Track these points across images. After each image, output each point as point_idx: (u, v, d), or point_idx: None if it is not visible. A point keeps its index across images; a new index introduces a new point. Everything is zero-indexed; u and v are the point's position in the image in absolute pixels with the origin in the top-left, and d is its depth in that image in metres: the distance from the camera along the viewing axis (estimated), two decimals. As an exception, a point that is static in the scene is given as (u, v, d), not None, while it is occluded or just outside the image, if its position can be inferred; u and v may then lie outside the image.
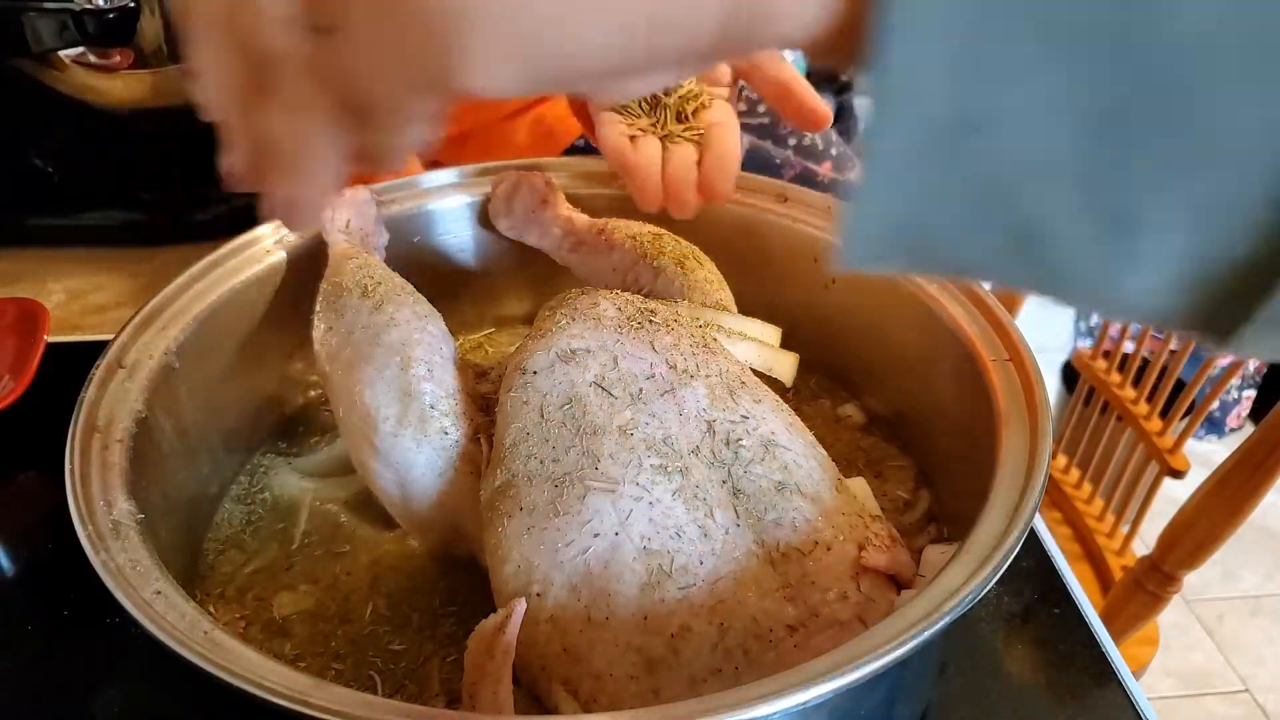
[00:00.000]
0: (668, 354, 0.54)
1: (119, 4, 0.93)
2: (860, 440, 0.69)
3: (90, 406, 0.54)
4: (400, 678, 0.53)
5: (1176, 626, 1.73)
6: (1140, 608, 1.03)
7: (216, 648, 0.40)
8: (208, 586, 0.59)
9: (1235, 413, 2.13)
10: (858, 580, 0.46)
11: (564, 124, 1.03)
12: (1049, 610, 0.61)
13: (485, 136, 1.04)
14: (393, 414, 0.54)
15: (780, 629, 0.44)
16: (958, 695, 0.56)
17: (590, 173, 0.77)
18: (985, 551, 0.43)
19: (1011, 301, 1.28)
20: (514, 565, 0.48)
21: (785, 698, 0.36)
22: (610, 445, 0.49)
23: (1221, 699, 1.62)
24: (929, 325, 0.62)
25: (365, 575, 0.60)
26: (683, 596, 0.45)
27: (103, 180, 1.09)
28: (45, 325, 0.79)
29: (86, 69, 1.01)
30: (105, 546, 0.45)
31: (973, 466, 0.54)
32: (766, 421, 0.52)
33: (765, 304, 0.68)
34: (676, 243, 0.67)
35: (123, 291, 1.01)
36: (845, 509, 0.50)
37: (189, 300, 0.62)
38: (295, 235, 0.68)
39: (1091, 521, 1.19)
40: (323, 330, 0.60)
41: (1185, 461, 1.08)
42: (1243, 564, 1.85)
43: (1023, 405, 0.52)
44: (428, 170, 0.77)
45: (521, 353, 0.55)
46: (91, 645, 0.58)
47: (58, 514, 0.47)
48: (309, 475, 0.68)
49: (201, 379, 0.62)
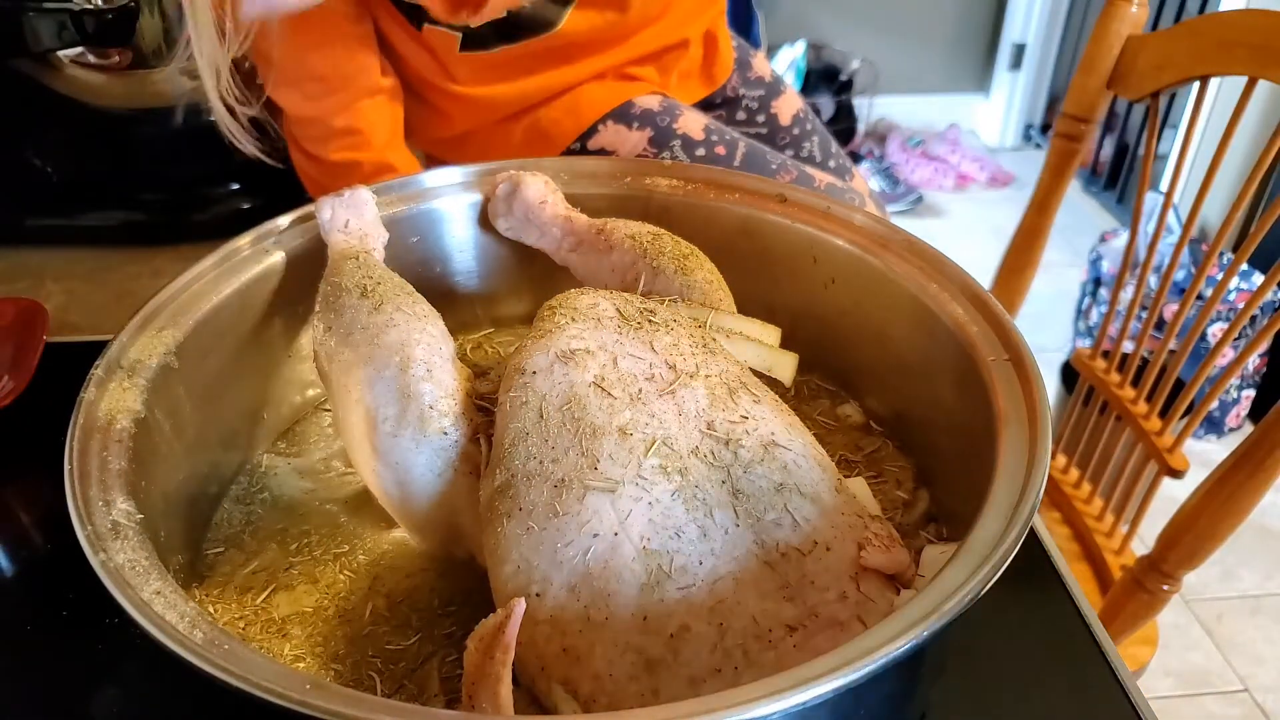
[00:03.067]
0: (667, 354, 0.54)
1: (118, 4, 0.93)
2: (859, 440, 0.69)
3: (89, 406, 0.54)
4: (399, 678, 0.53)
5: (1175, 626, 1.73)
6: (1139, 607, 1.03)
7: (216, 648, 0.40)
8: (207, 587, 0.59)
9: (1234, 412, 2.13)
10: (857, 580, 0.46)
11: (559, 127, 1.03)
12: (1047, 610, 0.61)
13: (484, 137, 1.04)
14: (392, 414, 0.54)
15: (780, 629, 0.44)
16: (957, 695, 0.56)
17: (590, 173, 0.77)
18: (984, 551, 0.43)
19: (1011, 301, 1.28)
20: (513, 565, 0.48)
21: (785, 698, 0.36)
22: (609, 446, 0.49)
23: (1220, 699, 1.62)
24: (928, 325, 0.62)
25: (365, 575, 0.60)
26: (682, 597, 0.45)
27: (102, 180, 1.09)
28: (44, 325, 0.79)
29: (86, 69, 1.01)
30: (104, 547, 0.46)
31: (972, 466, 0.54)
32: (766, 422, 0.52)
33: (764, 304, 0.68)
34: (676, 243, 0.67)
35: (122, 292, 1.01)
36: (844, 509, 0.50)
37: (188, 300, 0.62)
38: (294, 235, 0.68)
39: (1090, 521, 1.19)
40: (322, 330, 0.60)
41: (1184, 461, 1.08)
42: (1242, 564, 1.85)
43: (1022, 405, 0.52)
44: (427, 170, 0.77)
45: (521, 353, 0.55)
46: (91, 645, 0.58)
47: (57, 514, 0.47)
48: (309, 475, 0.68)
49: (201, 379, 0.62)
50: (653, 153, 1.03)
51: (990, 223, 2.83)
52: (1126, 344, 1.19)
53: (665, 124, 1.03)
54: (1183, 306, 1.06)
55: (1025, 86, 3.18)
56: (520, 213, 0.73)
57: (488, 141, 1.04)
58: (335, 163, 0.96)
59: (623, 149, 1.03)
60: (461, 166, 0.76)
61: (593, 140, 1.03)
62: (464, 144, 1.05)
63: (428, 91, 1.01)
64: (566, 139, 1.03)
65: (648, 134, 1.04)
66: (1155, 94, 1.06)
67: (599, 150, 1.03)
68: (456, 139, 1.05)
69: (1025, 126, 3.29)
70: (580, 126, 1.03)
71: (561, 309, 0.57)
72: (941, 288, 0.62)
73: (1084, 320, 2.34)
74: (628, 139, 1.03)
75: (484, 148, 1.05)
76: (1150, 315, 1.10)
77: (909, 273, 0.64)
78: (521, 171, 0.74)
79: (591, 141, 1.03)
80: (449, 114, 1.02)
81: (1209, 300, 1.01)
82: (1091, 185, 3.01)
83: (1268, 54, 0.92)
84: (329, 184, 0.96)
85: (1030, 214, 1.23)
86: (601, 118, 1.03)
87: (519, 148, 1.03)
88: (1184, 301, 1.06)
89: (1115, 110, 2.81)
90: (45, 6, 0.91)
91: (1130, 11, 1.07)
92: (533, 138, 1.03)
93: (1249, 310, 0.97)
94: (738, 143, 1.03)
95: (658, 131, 1.03)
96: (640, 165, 0.78)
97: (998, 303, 0.59)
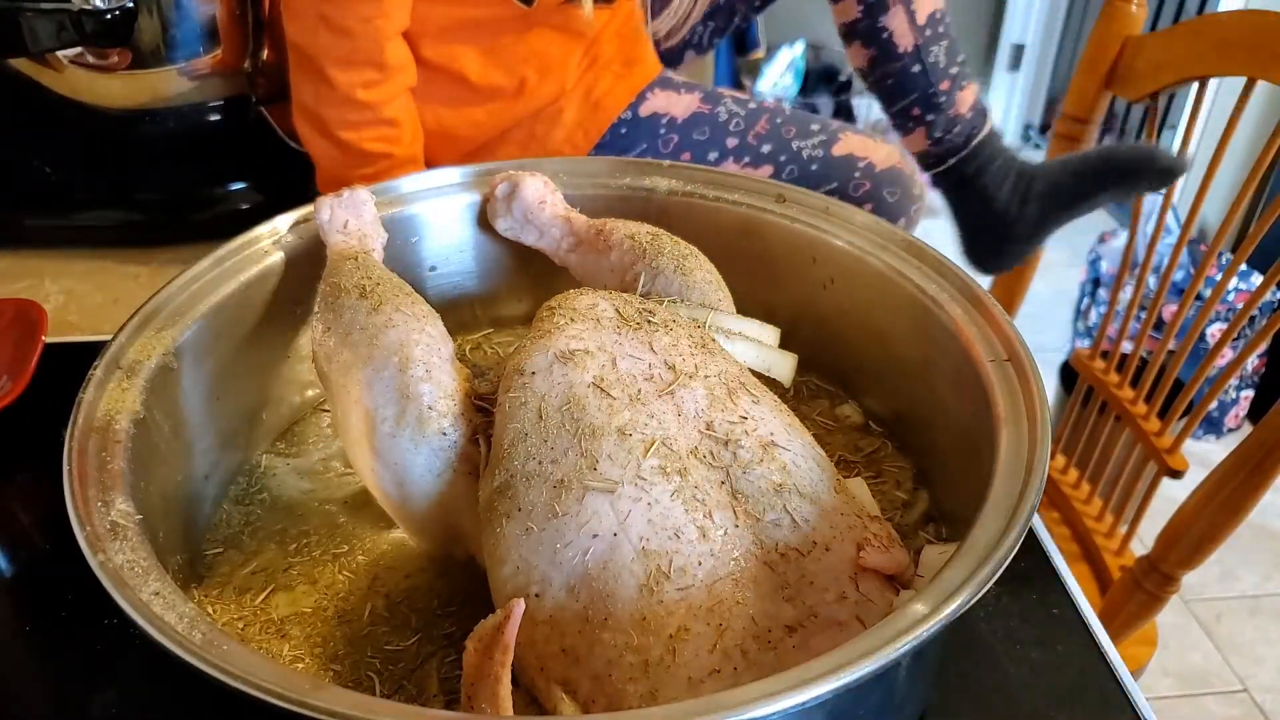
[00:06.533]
0: (666, 355, 0.54)
1: (117, 4, 0.93)
2: (859, 440, 0.69)
3: (88, 407, 0.54)
4: (399, 678, 0.53)
5: (1175, 626, 1.73)
6: (1138, 608, 1.03)
7: (214, 649, 0.40)
8: (206, 587, 0.59)
9: (1233, 413, 2.13)
10: (856, 581, 0.46)
11: (610, 97, 1.05)
12: (1047, 610, 0.61)
13: (530, 124, 1.05)
14: (391, 414, 0.54)
15: (779, 629, 0.44)
16: (957, 695, 0.56)
17: (589, 173, 0.77)
18: (984, 552, 0.43)
19: (1010, 302, 1.28)
20: (512, 566, 0.48)
21: (785, 698, 0.36)
22: (609, 446, 0.49)
23: (1220, 699, 1.62)
24: (927, 326, 0.62)
25: (364, 576, 0.60)
26: (681, 597, 0.45)
27: (101, 180, 1.09)
28: (43, 326, 0.79)
29: (84, 69, 1.01)
30: (103, 547, 0.45)
31: (971, 467, 0.54)
32: (765, 422, 0.52)
33: (763, 304, 0.68)
34: (675, 243, 0.67)
35: (120, 292, 1.01)
36: (844, 509, 0.50)
37: (187, 301, 0.62)
38: (293, 235, 0.68)
39: (1090, 521, 1.19)
40: (321, 331, 0.60)
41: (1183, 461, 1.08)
42: (1241, 564, 1.85)
43: (1021, 406, 0.52)
44: (427, 170, 0.77)
45: (520, 353, 0.55)
46: (90, 646, 0.58)
47: (56, 515, 0.47)
48: (308, 475, 0.68)
49: (200, 379, 0.62)
50: (706, 109, 1.06)
51: (989, 223, 2.82)
52: (1125, 344, 1.19)
53: (710, 88, 1.06)
54: (1182, 307, 1.06)
55: (1024, 87, 3.18)
56: (519, 213, 0.73)
57: (534, 126, 1.06)
58: (366, 151, 0.96)
59: (675, 110, 1.06)
60: (460, 167, 0.76)
61: (644, 106, 1.05)
62: (502, 142, 1.07)
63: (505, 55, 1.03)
64: (617, 108, 1.05)
65: (697, 95, 1.06)
66: (1154, 94, 1.06)
67: (652, 116, 1.05)
68: (494, 140, 1.06)
69: (1024, 127, 3.29)
70: (631, 92, 1.06)
71: (560, 309, 0.57)
72: (941, 288, 0.63)
73: (1083, 320, 2.34)
74: (679, 101, 1.06)
75: (530, 135, 1.06)
76: (1149, 315, 1.10)
77: (909, 273, 0.64)
78: (520, 172, 0.74)
79: (644, 108, 1.05)
80: (493, 110, 1.04)
81: (1208, 300, 1.01)
82: (1091, 185, 3.01)
83: (1267, 54, 0.92)
84: (351, 170, 0.96)
85: (1029, 214, 1.23)
86: (649, 85, 1.06)
87: (570, 125, 1.06)
88: (1183, 302, 1.06)
89: (1114, 111, 2.81)
90: (44, 7, 0.91)
91: (1129, 12, 1.07)
92: (584, 110, 1.06)
93: (1248, 310, 0.98)
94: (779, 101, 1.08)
95: (705, 94, 1.06)
96: (640, 165, 0.78)
97: (997, 303, 0.59)
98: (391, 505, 0.56)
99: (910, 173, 1.08)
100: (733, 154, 1.07)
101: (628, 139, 1.07)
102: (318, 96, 0.94)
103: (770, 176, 1.04)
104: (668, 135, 1.07)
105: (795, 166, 1.06)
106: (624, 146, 1.07)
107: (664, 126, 1.06)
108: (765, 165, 1.06)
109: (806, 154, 1.06)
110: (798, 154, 1.06)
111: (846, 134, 1.07)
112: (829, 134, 1.07)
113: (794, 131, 1.07)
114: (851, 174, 1.06)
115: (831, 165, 1.06)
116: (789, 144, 1.06)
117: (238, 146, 1.12)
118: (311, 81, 0.93)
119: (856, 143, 1.07)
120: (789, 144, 1.06)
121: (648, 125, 1.06)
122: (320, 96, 0.94)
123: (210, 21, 1.03)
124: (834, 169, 1.06)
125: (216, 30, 1.04)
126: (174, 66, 1.03)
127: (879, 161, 1.06)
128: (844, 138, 1.07)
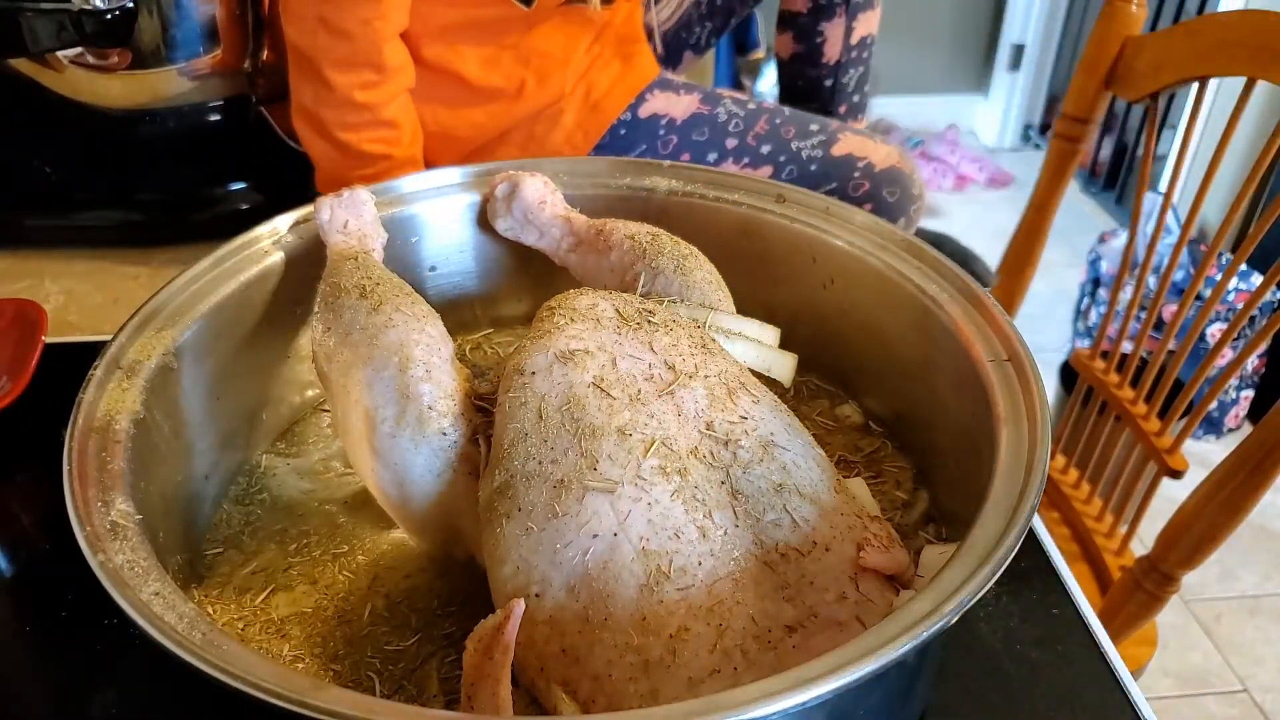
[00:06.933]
0: (666, 355, 0.54)
1: (117, 4, 0.93)
2: (859, 441, 0.69)
3: (88, 407, 0.53)
4: (399, 678, 0.53)
5: (1175, 626, 1.73)
6: (1138, 608, 1.03)
7: (214, 649, 0.40)
8: (206, 587, 0.59)
9: (1233, 413, 2.13)
10: (856, 581, 0.46)
11: (610, 98, 1.05)
12: (1047, 610, 0.61)
13: (530, 125, 1.05)
14: (391, 415, 0.54)
15: (779, 629, 0.44)
16: (957, 695, 0.56)
17: (589, 173, 0.77)
18: (984, 552, 0.43)
19: (1010, 302, 1.28)
20: (512, 566, 0.48)
21: (785, 698, 0.36)
22: (609, 446, 0.49)
23: (1220, 699, 1.62)
24: (927, 326, 0.62)
25: (364, 576, 0.60)
26: (681, 597, 0.45)
27: (101, 180, 1.09)
28: (43, 326, 0.79)
29: (84, 69, 1.01)
30: (103, 547, 0.45)
31: (971, 467, 0.54)
32: (765, 422, 0.52)
33: (763, 304, 0.68)
34: (674, 243, 0.67)
35: (120, 292, 1.01)
36: (844, 509, 0.50)
37: (187, 301, 0.62)
38: (293, 236, 0.68)
39: (1090, 522, 1.19)
40: (321, 331, 0.60)
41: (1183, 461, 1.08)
42: (1241, 564, 1.85)
43: (1021, 406, 0.52)
44: (427, 170, 0.77)
45: (520, 353, 0.55)
46: (90, 646, 0.58)
47: (56, 515, 0.47)
48: (308, 476, 0.68)
49: (200, 379, 0.62)
50: (706, 110, 1.07)
51: (989, 223, 2.83)
52: (1125, 344, 1.19)
53: (709, 89, 1.06)
54: (1182, 307, 1.06)
55: (1024, 87, 3.18)
56: (519, 213, 0.73)
57: (532, 128, 1.06)
58: (366, 152, 0.96)
59: (675, 111, 1.06)
60: (460, 167, 0.76)
61: (643, 108, 1.05)
62: (502, 142, 1.07)
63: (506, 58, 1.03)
64: (616, 109, 1.05)
65: (696, 96, 1.06)
66: (1154, 94, 1.06)
67: (651, 117, 1.05)
68: (493, 141, 1.06)
69: (1024, 127, 3.29)
70: (630, 93, 1.06)
71: (560, 309, 0.57)
72: (941, 288, 0.63)
73: (1083, 320, 2.34)
74: (678, 102, 1.06)
75: (529, 135, 1.06)
76: (1149, 315, 1.10)
77: (909, 273, 0.64)
78: (520, 172, 0.74)
79: (643, 109, 1.05)
80: (492, 111, 1.03)
81: (1208, 300, 1.01)
82: (1090, 186, 3.01)
83: (1267, 54, 0.92)
84: (350, 171, 0.96)
85: (1029, 214, 1.23)
86: (648, 86, 1.06)
87: (570, 126, 1.06)
88: (1183, 302, 1.06)
89: (1114, 111, 2.81)
90: (43, 7, 0.91)
91: (1129, 12, 1.07)
92: (583, 111, 1.06)
93: (1248, 310, 0.98)
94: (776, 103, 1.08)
95: (705, 95, 1.06)
96: (640, 165, 0.78)
97: (997, 303, 0.59)
98: (391, 505, 0.56)
99: (910, 172, 1.09)
100: (732, 155, 1.07)
101: (627, 140, 1.07)
102: (317, 98, 0.94)
103: (770, 177, 1.04)
104: (667, 136, 1.07)
105: (795, 167, 1.06)
106: (623, 147, 1.07)
107: (663, 127, 1.06)
108: (765, 166, 1.06)
109: (806, 154, 1.06)
110: (797, 154, 1.06)
111: (846, 134, 1.08)
112: (828, 134, 1.07)
113: (793, 132, 1.07)
114: (851, 174, 1.06)
115: (831, 165, 1.06)
116: (788, 144, 1.06)
117: (238, 146, 1.12)
118: (310, 83, 0.93)
119: (856, 143, 1.07)
120: (788, 144, 1.06)
121: (647, 126, 1.06)
122: (319, 98, 0.94)
123: (210, 21, 1.03)
124: (833, 169, 1.06)
125: (216, 30, 1.04)
126: (174, 66, 1.03)
127: (878, 161, 1.06)
128: (843, 138, 1.07)
